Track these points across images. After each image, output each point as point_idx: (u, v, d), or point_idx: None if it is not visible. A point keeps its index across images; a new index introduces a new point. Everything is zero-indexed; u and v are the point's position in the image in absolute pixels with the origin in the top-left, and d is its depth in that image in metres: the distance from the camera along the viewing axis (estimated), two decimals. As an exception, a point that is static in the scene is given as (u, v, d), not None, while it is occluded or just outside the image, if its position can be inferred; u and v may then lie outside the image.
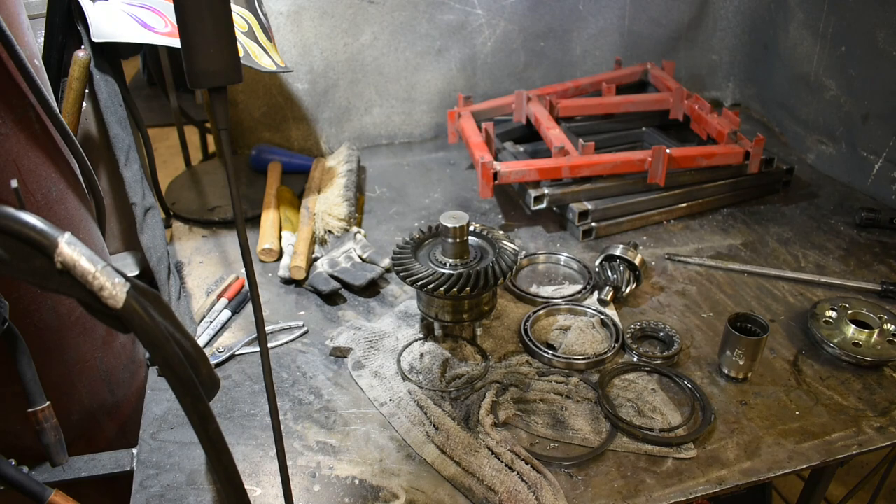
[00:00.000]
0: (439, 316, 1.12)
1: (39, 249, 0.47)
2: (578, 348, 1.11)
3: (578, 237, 1.44)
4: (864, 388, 1.06)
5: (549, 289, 1.30)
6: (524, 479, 0.90)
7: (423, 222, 1.53)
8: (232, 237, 1.48)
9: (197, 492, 0.92)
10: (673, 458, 0.95)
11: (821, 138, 1.69)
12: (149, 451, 0.98)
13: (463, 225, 1.08)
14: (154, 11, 1.23)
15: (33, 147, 0.90)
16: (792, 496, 2.08)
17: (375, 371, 1.11)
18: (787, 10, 1.73)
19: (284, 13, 1.63)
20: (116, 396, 1.10)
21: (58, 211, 0.95)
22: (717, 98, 2.08)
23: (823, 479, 1.17)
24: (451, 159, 1.80)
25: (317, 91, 1.76)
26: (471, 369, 1.10)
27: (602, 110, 1.73)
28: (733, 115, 1.56)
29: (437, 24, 1.76)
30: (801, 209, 1.54)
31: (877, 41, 1.46)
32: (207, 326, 1.20)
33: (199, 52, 0.58)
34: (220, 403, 1.06)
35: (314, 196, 1.51)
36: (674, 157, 1.44)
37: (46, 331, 0.96)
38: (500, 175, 1.43)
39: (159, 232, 1.24)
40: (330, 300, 1.28)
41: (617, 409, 1.03)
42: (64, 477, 0.97)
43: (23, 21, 0.93)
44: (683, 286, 1.29)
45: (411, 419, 1.01)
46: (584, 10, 1.86)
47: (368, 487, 0.92)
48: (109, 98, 1.21)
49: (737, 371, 1.07)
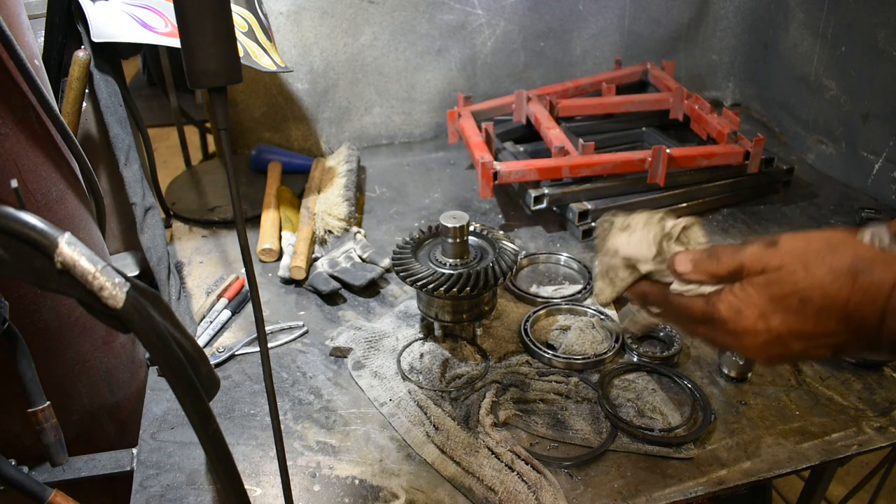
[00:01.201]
0: (439, 316, 1.12)
1: (39, 249, 0.47)
2: (578, 348, 1.11)
3: (578, 237, 1.44)
4: (864, 388, 1.06)
5: (549, 289, 1.30)
6: (524, 479, 0.90)
7: (423, 222, 1.53)
8: (232, 237, 1.48)
9: (197, 492, 0.92)
10: (673, 458, 0.95)
11: (821, 138, 1.69)
12: (149, 451, 0.98)
13: (463, 225, 1.08)
14: (154, 11, 1.23)
15: (33, 147, 0.90)
16: (792, 496, 2.08)
17: (375, 371, 1.11)
18: (787, 10, 1.73)
19: (284, 13, 1.63)
20: (116, 396, 1.10)
21: (58, 211, 0.95)
22: (717, 98, 2.08)
23: (823, 479, 1.17)
24: (451, 159, 1.80)
25: (317, 91, 1.76)
26: (471, 369, 1.10)
27: (602, 110, 1.73)
28: (733, 115, 1.56)
29: (437, 24, 1.76)
30: (801, 209, 1.54)
31: (877, 41, 1.46)
32: (207, 326, 1.20)
33: (199, 52, 0.58)
34: (220, 403, 1.06)
35: (314, 196, 1.51)
36: (674, 157, 1.44)
37: (46, 331, 0.96)
38: (500, 175, 1.43)
39: (159, 232, 1.24)
40: (330, 300, 1.28)
41: (617, 409, 1.03)
42: (64, 477, 0.97)
43: (23, 21, 0.93)
44: (683, 286, 1.29)
45: (411, 419, 1.01)
46: (584, 10, 1.86)
47: (368, 487, 0.92)
48: (109, 98, 1.21)
49: (737, 371, 1.07)
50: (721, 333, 0.69)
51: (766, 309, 0.64)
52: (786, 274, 0.63)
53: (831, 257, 0.62)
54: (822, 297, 0.62)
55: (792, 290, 0.63)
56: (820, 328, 0.63)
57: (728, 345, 0.70)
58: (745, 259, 0.66)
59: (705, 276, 0.69)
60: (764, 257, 0.65)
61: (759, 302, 0.65)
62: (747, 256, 0.66)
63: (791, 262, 0.63)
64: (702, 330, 0.72)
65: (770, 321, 0.64)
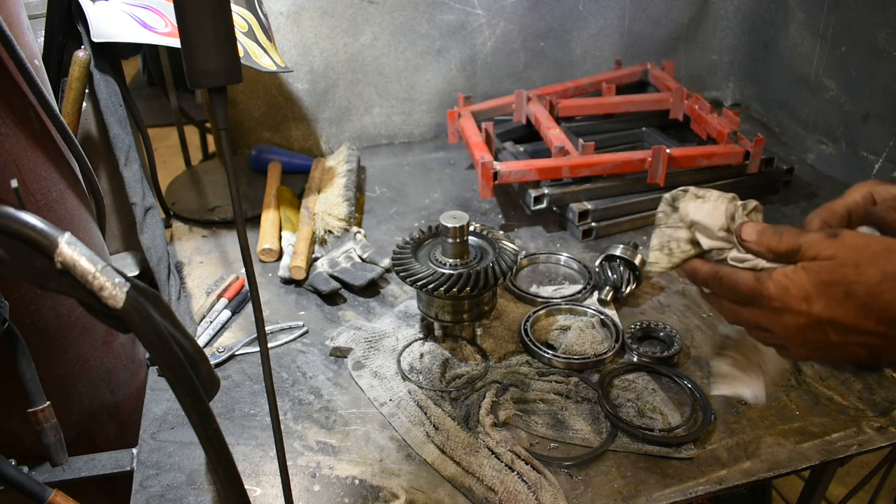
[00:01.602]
0: (439, 316, 1.12)
1: (39, 249, 0.47)
2: (578, 348, 1.11)
3: (578, 237, 1.44)
4: (864, 388, 1.06)
5: (549, 289, 1.30)
6: (524, 479, 0.90)
7: (423, 222, 1.53)
8: (232, 237, 1.48)
9: (197, 492, 0.92)
10: (673, 458, 0.95)
11: (821, 138, 1.69)
12: (149, 451, 0.98)
13: (463, 225, 1.08)
14: (154, 11, 1.23)
15: (33, 147, 0.90)
16: (792, 496, 2.08)
17: (375, 371, 1.11)
18: (787, 10, 1.73)
19: (284, 13, 1.63)
20: (116, 396, 1.10)
21: (58, 211, 0.95)
22: (717, 98, 2.08)
23: (823, 479, 1.17)
24: (451, 159, 1.80)
25: (317, 91, 1.76)
26: (471, 369, 1.10)
27: (602, 110, 1.73)
28: (733, 115, 1.56)
29: (437, 24, 1.76)
30: (801, 209, 1.54)
31: (877, 41, 1.46)
32: (207, 326, 1.20)
33: (199, 52, 0.58)
34: (220, 403, 1.06)
35: (314, 196, 1.51)
36: (674, 157, 1.44)
37: (46, 331, 0.96)
38: (500, 175, 1.43)
39: (159, 232, 1.24)
40: (330, 300, 1.28)
41: (617, 409, 1.03)
42: (64, 477, 0.97)
43: (23, 21, 0.93)
44: (683, 286, 1.29)
45: (411, 419, 1.01)
46: (584, 10, 1.86)
47: (368, 487, 0.92)
48: (109, 98, 1.21)
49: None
50: (765, 314, 0.70)
51: (812, 292, 0.66)
52: (837, 265, 0.65)
53: (885, 260, 0.63)
54: (866, 293, 0.63)
55: (840, 280, 0.65)
56: (859, 323, 0.65)
57: (770, 326, 0.71)
58: (804, 243, 0.68)
59: (765, 248, 0.71)
60: (821, 245, 0.67)
61: (806, 284, 0.66)
62: (806, 241, 0.68)
63: (845, 256, 0.65)
64: (746, 314, 0.73)
65: (813, 305, 0.66)
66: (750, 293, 0.71)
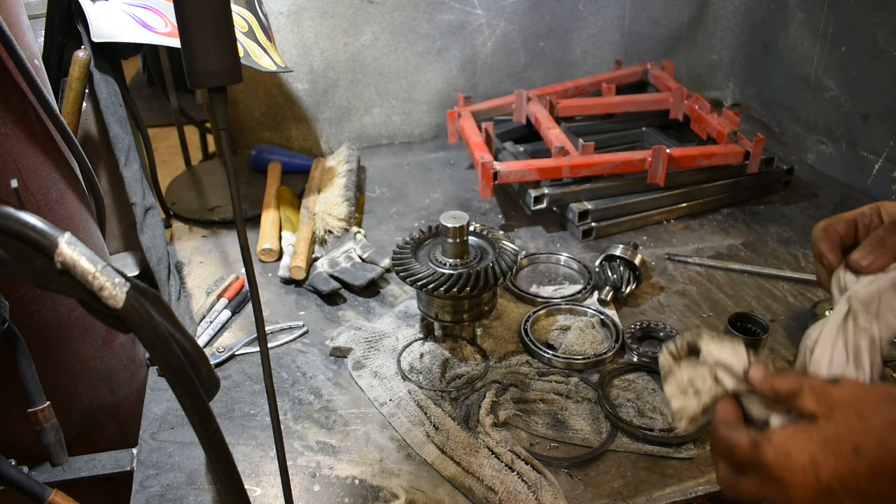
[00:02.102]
0: (439, 316, 1.12)
1: (39, 249, 0.47)
2: (578, 348, 1.11)
3: (578, 237, 1.44)
4: (864, 388, 1.06)
5: (549, 289, 1.30)
6: (524, 479, 0.90)
7: (423, 222, 1.53)
8: (232, 237, 1.48)
9: (197, 492, 0.92)
10: (673, 458, 0.95)
11: (821, 138, 1.69)
12: (149, 451, 0.98)
13: (463, 225, 1.08)
14: (154, 11, 1.23)
15: (33, 147, 0.90)
16: (792, 496, 2.08)
17: (375, 371, 1.11)
18: (787, 10, 1.73)
19: (284, 13, 1.63)
20: (116, 396, 1.10)
21: (58, 211, 0.95)
22: (717, 98, 2.08)
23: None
24: (451, 159, 1.80)
25: (317, 91, 1.76)
26: (471, 369, 1.10)
27: (602, 110, 1.73)
28: (733, 115, 1.56)
29: (437, 24, 1.76)
30: (801, 209, 1.54)
31: (877, 41, 1.46)
32: (207, 326, 1.20)
33: (199, 52, 0.58)
34: (220, 403, 1.06)
35: (314, 196, 1.51)
36: (674, 157, 1.44)
37: (46, 331, 0.96)
38: (500, 175, 1.43)
39: (159, 232, 1.24)
40: (330, 300, 1.28)
41: (617, 409, 1.03)
42: (64, 477, 0.97)
43: (23, 21, 0.93)
44: (683, 286, 1.30)
45: (411, 419, 1.01)
46: (584, 10, 1.86)
47: (368, 487, 0.92)
48: (109, 98, 1.21)
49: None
50: (767, 484, 0.61)
51: (818, 454, 0.58)
52: (839, 418, 0.59)
53: (888, 408, 0.58)
54: (877, 446, 0.57)
55: (846, 435, 0.58)
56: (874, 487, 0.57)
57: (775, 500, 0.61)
58: (805, 384, 0.63)
59: (769, 389, 0.65)
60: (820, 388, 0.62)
61: (811, 446, 0.59)
62: (807, 381, 0.63)
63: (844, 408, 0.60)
64: (745, 484, 0.64)
65: (820, 470, 0.58)
66: (749, 459, 0.62)
